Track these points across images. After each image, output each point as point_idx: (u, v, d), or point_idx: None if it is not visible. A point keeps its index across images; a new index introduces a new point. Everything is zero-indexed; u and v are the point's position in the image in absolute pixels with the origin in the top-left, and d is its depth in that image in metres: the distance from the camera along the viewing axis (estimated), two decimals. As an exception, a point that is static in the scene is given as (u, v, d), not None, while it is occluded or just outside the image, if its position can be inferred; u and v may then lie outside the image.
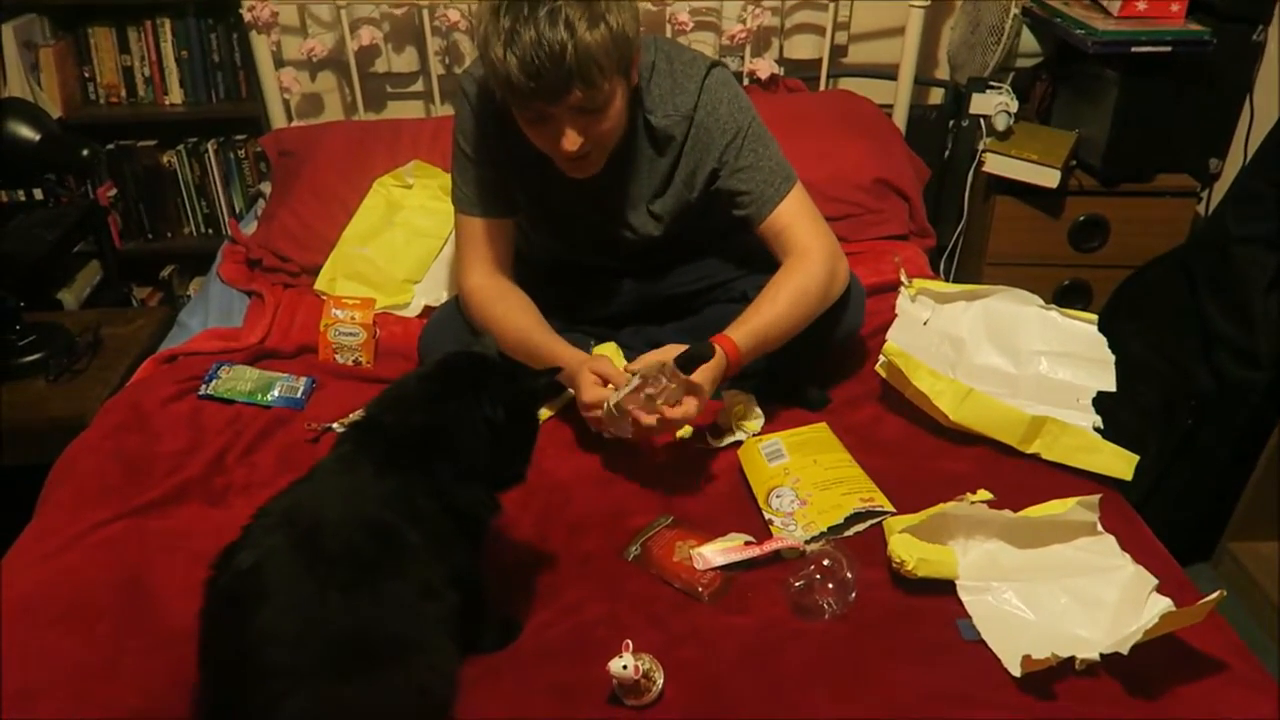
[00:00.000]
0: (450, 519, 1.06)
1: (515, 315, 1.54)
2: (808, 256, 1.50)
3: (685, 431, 1.54)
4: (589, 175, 1.45)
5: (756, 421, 1.53)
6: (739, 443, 1.50)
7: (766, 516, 1.32)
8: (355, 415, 1.54)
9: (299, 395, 1.62)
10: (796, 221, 1.52)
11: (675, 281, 1.71)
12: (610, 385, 1.38)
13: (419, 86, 2.53)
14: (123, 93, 2.51)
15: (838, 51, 2.47)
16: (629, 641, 1.04)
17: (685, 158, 1.53)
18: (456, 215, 1.62)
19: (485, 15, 1.29)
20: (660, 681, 1.06)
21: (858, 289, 1.63)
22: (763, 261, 1.56)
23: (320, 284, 2.00)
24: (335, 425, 1.54)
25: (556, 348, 1.48)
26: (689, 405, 1.36)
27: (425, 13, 2.30)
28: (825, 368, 1.68)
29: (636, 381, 1.33)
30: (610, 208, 1.58)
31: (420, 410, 1.07)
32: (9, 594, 1.24)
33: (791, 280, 1.48)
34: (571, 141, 1.35)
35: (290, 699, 0.91)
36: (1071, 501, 1.20)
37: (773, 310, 1.45)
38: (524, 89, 1.28)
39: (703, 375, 1.36)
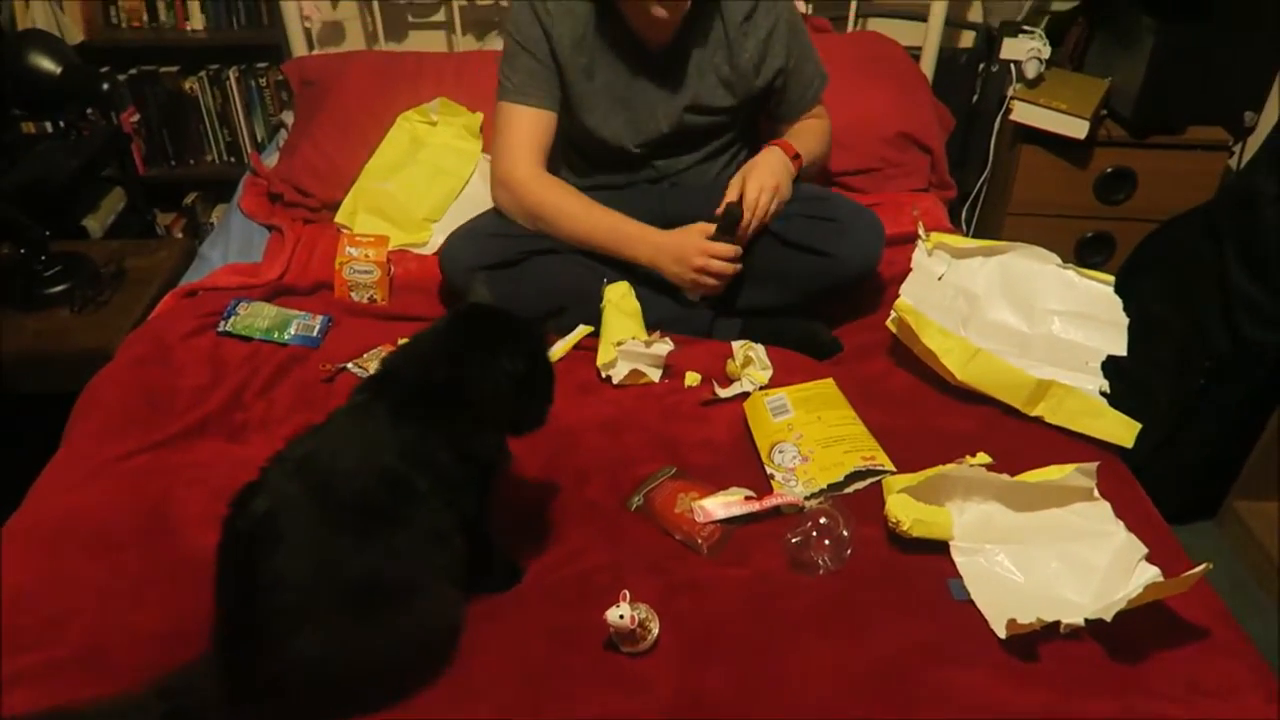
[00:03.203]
0: (463, 468, 1.08)
1: (582, 201, 1.68)
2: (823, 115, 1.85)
3: (693, 379, 1.57)
4: (673, 25, 1.62)
5: (764, 373, 1.54)
6: (746, 394, 1.51)
7: (768, 471, 1.35)
8: (371, 354, 1.58)
9: (315, 334, 1.65)
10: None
11: (700, 203, 1.72)
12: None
13: (440, 16, 2.49)
14: (144, 17, 2.50)
15: (868, -11, 2.41)
16: (626, 591, 1.08)
17: (752, 39, 1.71)
18: (501, 107, 1.70)
19: None
20: (656, 630, 1.10)
21: (874, 222, 1.66)
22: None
23: (341, 217, 2.02)
24: (350, 365, 1.57)
25: (630, 226, 1.66)
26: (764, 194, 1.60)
27: (447, -58, 2.27)
28: (841, 308, 1.71)
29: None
30: (678, 81, 1.72)
31: (440, 366, 1.08)
32: (39, 521, 1.29)
33: (822, 122, 1.84)
34: None
35: (299, 636, 0.96)
36: (1070, 468, 1.22)
37: (808, 133, 1.79)
38: None
39: (769, 164, 1.64)
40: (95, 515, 1.30)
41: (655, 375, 1.56)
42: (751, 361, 1.55)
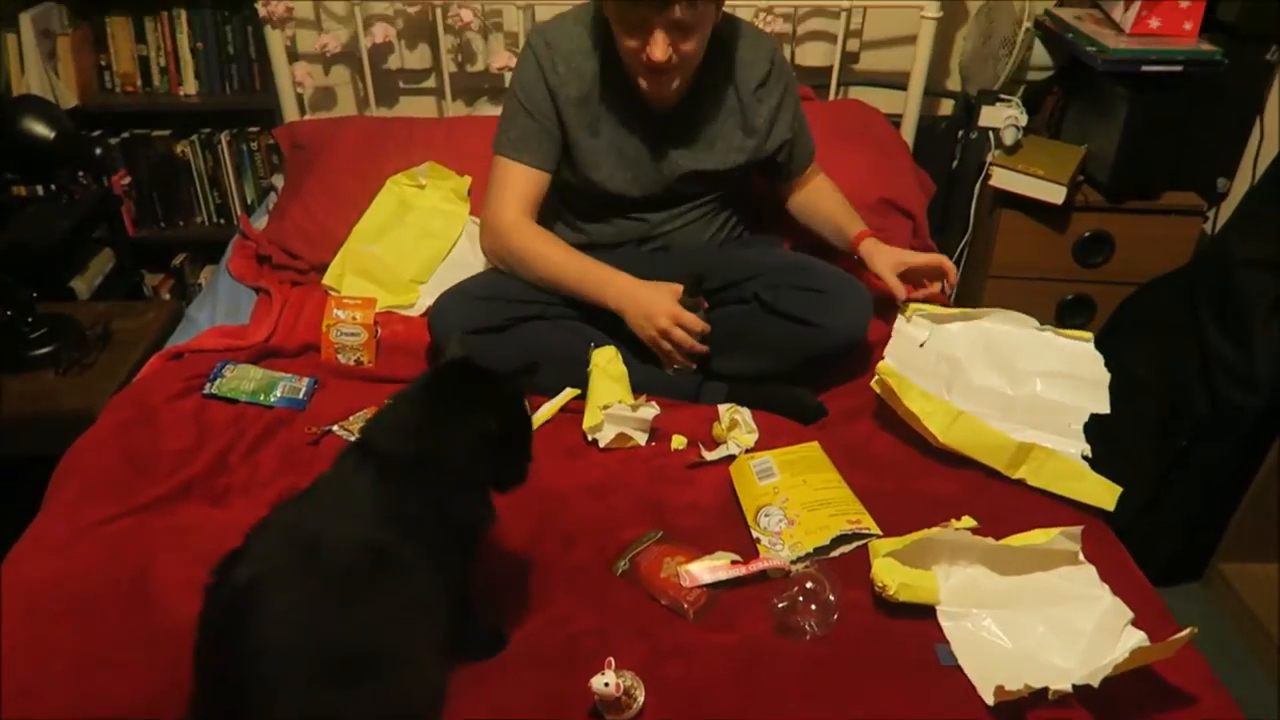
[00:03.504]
0: (447, 533, 1.08)
1: (561, 247, 1.71)
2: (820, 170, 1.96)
3: (679, 443, 1.57)
4: (667, 96, 1.66)
5: (750, 436, 1.55)
6: (732, 457, 1.52)
7: (754, 535, 1.35)
8: (358, 417, 1.58)
9: (301, 396, 1.65)
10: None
11: (691, 267, 1.72)
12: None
13: (431, 83, 2.54)
14: (138, 82, 2.54)
15: (849, 58, 2.47)
16: (611, 659, 1.07)
17: (765, 105, 1.77)
18: (496, 160, 1.74)
19: None
20: (641, 698, 1.08)
21: (861, 292, 1.66)
22: (772, 267, 1.68)
23: (328, 279, 2.03)
24: (335, 428, 1.57)
25: (604, 271, 1.66)
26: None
27: (439, 11, 2.32)
28: (826, 372, 1.72)
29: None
30: (685, 144, 1.76)
31: (415, 435, 1.08)
32: (16, 587, 1.27)
33: (830, 181, 1.96)
34: (662, 50, 1.52)
35: (280, 707, 0.94)
36: (1054, 531, 1.22)
37: (844, 201, 1.92)
38: None
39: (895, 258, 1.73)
40: (74, 581, 1.28)
41: (641, 439, 1.56)
42: (737, 425, 1.56)
